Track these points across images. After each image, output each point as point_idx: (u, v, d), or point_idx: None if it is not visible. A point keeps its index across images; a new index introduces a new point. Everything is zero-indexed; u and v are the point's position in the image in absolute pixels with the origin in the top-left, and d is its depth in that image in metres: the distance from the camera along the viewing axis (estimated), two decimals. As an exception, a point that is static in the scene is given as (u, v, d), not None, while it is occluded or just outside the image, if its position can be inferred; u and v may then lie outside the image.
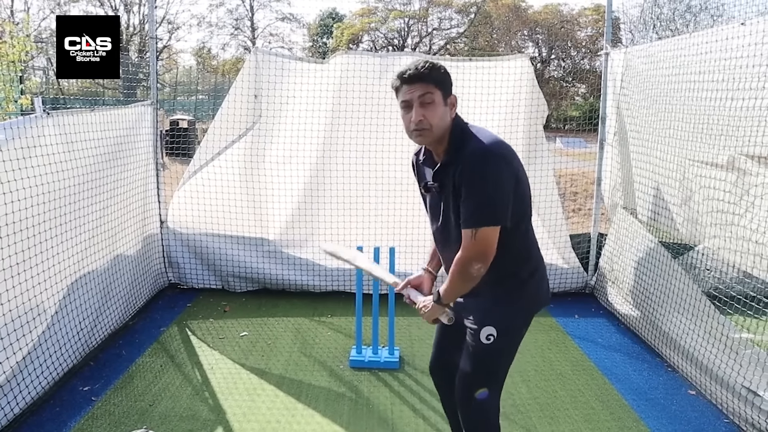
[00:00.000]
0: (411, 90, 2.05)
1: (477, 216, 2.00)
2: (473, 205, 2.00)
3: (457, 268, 2.08)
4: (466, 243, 2.03)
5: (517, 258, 2.18)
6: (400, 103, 2.10)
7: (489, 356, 2.21)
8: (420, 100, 2.04)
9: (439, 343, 2.53)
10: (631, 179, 4.73)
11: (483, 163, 1.99)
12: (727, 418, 3.33)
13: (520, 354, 4.11)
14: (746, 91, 3.17)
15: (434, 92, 2.05)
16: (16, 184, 3.00)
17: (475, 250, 2.02)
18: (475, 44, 35.11)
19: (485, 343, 2.17)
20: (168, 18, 35.08)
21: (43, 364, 3.34)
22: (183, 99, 21.60)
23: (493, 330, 2.17)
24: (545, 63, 36.49)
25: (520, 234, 2.17)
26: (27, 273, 3.14)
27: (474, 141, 2.05)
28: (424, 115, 2.04)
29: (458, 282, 2.11)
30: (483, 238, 2.00)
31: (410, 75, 2.05)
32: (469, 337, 2.24)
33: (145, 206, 4.97)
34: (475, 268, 2.04)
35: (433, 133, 2.07)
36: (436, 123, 2.06)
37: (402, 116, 2.12)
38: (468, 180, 2.00)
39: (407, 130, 2.11)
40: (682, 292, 3.90)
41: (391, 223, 5.20)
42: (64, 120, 3.52)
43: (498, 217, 2.01)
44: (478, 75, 5.12)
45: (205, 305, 5.08)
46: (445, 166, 2.10)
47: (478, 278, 2.07)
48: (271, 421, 3.26)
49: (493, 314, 2.18)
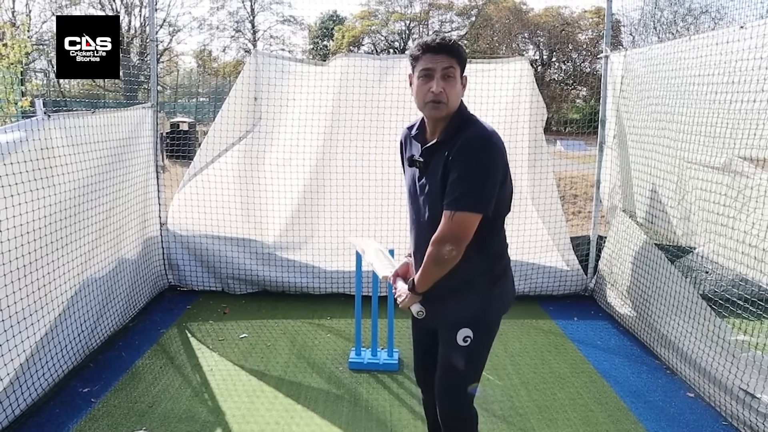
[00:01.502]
0: (435, 60, 2.01)
1: (462, 199, 1.98)
2: (462, 188, 1.97)
3: (431, 249, 2.05)
4: (443, 224, 2.01)
5: (493, 254, 2.17)
6: (420, 71, 2.04)
7: (465, 357, 2.18)
8: (443, 72, 2.01)
9: (420, 350, 2.50)
10: (630, 182, 4.73)
11: (481, 150, 1.99)
12: (725, 420, 3.33)
13: (520, 356, 4.16)
14: (745, 93, 3.18)
15: (456, 68, 2.03)
16: (22, 187, 3.01)
17: (451, 232, 2.00)
18: (475, 47, 35.12)
19: (462, 345, 2.15)
20: (169, 20, 35.19)
21: (44, 366, 3.35)
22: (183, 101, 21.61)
23: (469, 332, 2.14)
24: (546, 66, 36.53)
25: (497, 230, 2.17)
26: (31, 276, 3.15)
27: (476, 126, 2.05)
28: (444, 88, 2.01)
29: (431, 265, 2.06)
30: (460, 222, 1.98)
31: (438, 44, 2.01)
32: (444, 340, 2.22)
33: (146, 208, 4.98)
34: (447, 249, 2.00)
35: (447, 107, 2.04)
36: (452, 99, 2.04)
37: (418, 85, 2.06)
38: (462, 163, 1.98)
39: (421, 100, 2.07)
40: (680, 294, 3.91)
41: (390, 225, 5.20)
42: (67, 122, 3.53)
43: (482, 205, 2.00)
44: (478, 77, 5.14)
45: (205, 307, 5.09)
46: (440, 144, 2.08)
47: (449, 262, 2.03)
48: (270, 422, 3.26)
49: (469, 314, 2.16)
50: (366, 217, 5.28)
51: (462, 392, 2.24)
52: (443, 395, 2.27)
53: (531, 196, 5.29)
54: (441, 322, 2.23)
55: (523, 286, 5.34)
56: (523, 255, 5.30)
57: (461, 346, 2.15)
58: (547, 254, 5.39)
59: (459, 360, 2.18)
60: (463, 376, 2.22)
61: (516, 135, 5.15)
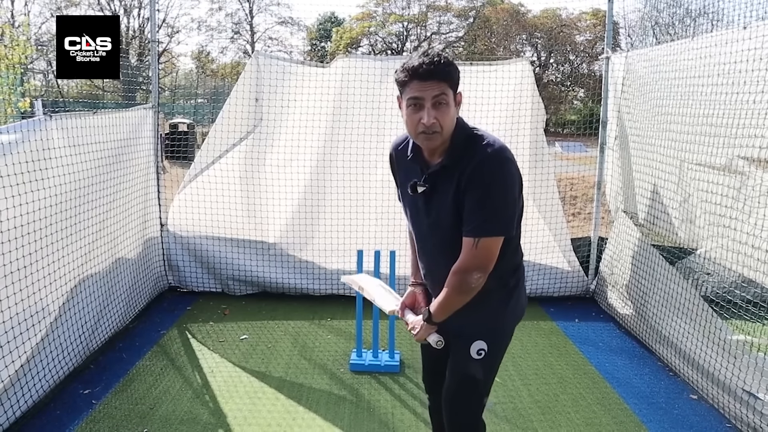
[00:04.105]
0: (424, 87, 1.84)
1: (486, 225, 1.87)
2: (484, 213, 1.87)
3: (456, 278, 1.93)
4: (467, 252, 1.90)
5: (508, 266, 2.07)
6: (408, 99, 1.88)
7: (478, 370, 2.10)
8: (434, 100, 1.85)
9: (429, 358, 2.42)
10: (631, 183, 4.73)
11: (499, 170, 1.87)
12: (729, 422, 3.32)
13: (521, 358, 4.15)
14: (745, 94, 3.18)
15: (447, 92, 1.87)
16: (24, 187, 3.00)
17: (477, 260, 1.89)
18: (473, 48, 35.20)
19: (476, 358, 2.07)
20: (168, 21, 35.19)
21: (45, 368, 3.33)
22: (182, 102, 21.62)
23: (483, 344, 2.06)
24: (544, 67, 36.58)
25: (514, 241, 2.06)
26: (30, 277, 3.13)
27: (485, 145, 1.91)
28: (437, 117, 1.86)
29: (454, 294, 1.95)
30: (486, 248, 1.89)
31: (425, 71, 1.83)
32: (456, 351, 2.13)
33: (146, 209, 4.96)
34: (475, 278, 1.90)
35: (442, 136, 1.90)
36: (447, 126, 1.89)
37: (408, 114, 1.90)
38: (480, 186, 1.86)
39: (412, 131, 1.93)
40: (680, 296, 3.90)
41: (391, 226, 5.19)
42: (67, 123, 3.52)
43: (506, 227, 1.92)
44: (478, 79, 5.13)
45: (205, 308, 5.07)
46: (446, 168, 1.94)
47: (476, 290, 1.94)
48: (271, 424, 3.25)
49: (483, 327, 2.08)
50: (367, 218, 5.27)
51: (473, 403, 2.18)
52: (452, 405, 2.20)
53: (532, 198, 5.28)
54: (454, 334, 2.12)
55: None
56: (524, 256, 5.29)
57: (475, 359, 2.08)
58: (548, 256, 5.38)
59: (471, 372, 2.11)
60: (473, 388, 2.15)
61: (518, 136, 5.14)
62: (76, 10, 32.19)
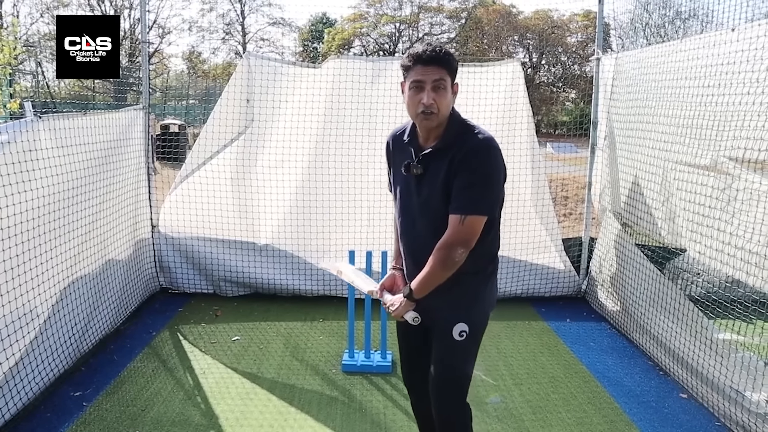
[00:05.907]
0: (426, 72, 2.06)
1: (473, 204, 2.05)
2: (472, 193, 2.05)
3: (441, 253, 2.09)
4: (453, 228, 2.07)
5: (486, 252, 2.21)
6: (411, 82, 2.10)
7: (461, 352, 2.23)
8: (434, 84, 2.06)
9: (408, 351, 2.51)
10: (617, 183, 4.76)
11: (489, 157, 2.07)
12: (718, 421, 3.35)
13: (513, 358, 4.17)
14: (731, 96, 3.21)
15: (446, 78, 2.09)
16: (10, 189, 2.98)
17: (461, 235, 2.06)
18: (465, 49, 35.22)
19: (458, 339, 2.19)
20: (159, 22, 35.03)
21: (35, 370, 3.31)
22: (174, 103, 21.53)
23: (464, 326, 2.19)
24: (536, 68, 36.70)
25: (494, 229, 2.22)
26: (19, 278, 3.11)
27: (477, 132, 2.12)
28: (435, 99, 2.07)
29: (438, 268, 2.10)
30: (471, 225, 2.06)
31: (428, 57, 2.06)
32: (439, 336, 2.25)
33: (137, 210, 4.94)
34: (459, 252, 2.06)
35: (438, 118, 2.10)
36: (443, 109, 2.09)
37: (409, 96, 2.12)
38: (471, 169, 2.05)
39: (413, 111, 2.12)
40: (666, 295, 3.94)
41: (383, 227, 5.20)
42: (57, 124, 3.51)
43: (490, 208, 2.10)
44: (470, 80, 5.15)
45: (197, 310, 5.06)
46: (440, 151, 2.13)
47: (458, 264, 2.09)
48: (263, 425, 3.25)
49: (464, 310, 2.21)
50: (358, 219, 5.28)
51: (458, 388, 2.28)
52: (440, 393, 2.29)
53: (524, 198, 5.31)
54: (435, 319, 2.23)
55: (516, 287, 5.36)
56: (516, 256, 5.32)
57: (457, 341, 2.20)
58: (539, 255, 5.41)
59: (454, 355, 2.23)
60: (458, 372, 2.26)
61: (509, 136, 5.16)
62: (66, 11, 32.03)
